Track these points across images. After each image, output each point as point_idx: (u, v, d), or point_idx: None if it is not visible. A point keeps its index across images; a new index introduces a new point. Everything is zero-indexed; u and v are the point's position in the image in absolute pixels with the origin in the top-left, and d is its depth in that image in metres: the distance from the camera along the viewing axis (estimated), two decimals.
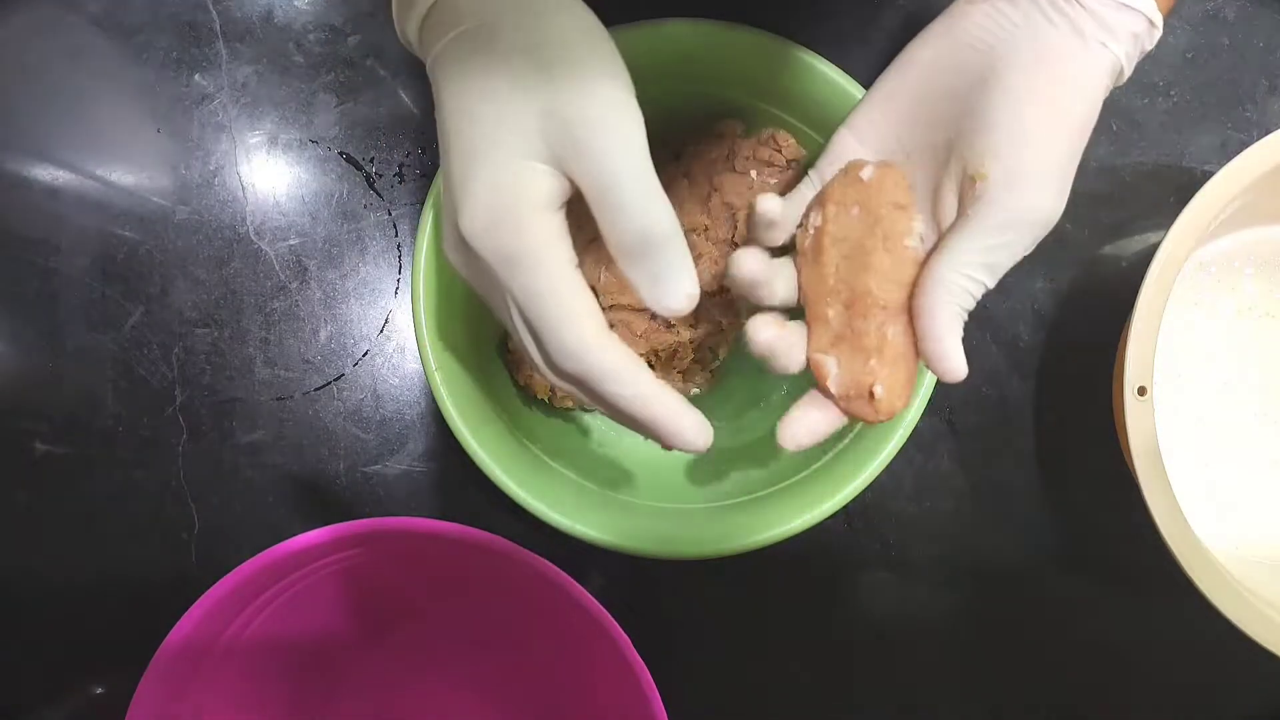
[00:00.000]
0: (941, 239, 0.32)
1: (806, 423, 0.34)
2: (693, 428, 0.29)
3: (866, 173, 0.33)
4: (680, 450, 0.30)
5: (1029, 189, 0.31)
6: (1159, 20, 0.32)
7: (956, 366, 0.31)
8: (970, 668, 0.53)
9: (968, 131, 0.32)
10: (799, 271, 0.35)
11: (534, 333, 0.28)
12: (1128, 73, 0.32)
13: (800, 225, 0.35)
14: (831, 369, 0.33)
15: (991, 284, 0.32)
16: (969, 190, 0.32)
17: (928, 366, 0.32)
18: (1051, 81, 0.31)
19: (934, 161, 0.34)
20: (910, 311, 0.32)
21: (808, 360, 0.34)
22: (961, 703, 0.53)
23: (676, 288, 0.28)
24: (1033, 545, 0.52)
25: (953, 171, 0.33)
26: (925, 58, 0.33)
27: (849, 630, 0.52)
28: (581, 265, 0.33)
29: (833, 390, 0.33)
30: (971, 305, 0.32)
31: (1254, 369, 0.51)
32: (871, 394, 0.32)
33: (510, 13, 0.28)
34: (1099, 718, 0.53)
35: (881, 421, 0.33)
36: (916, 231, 0.33)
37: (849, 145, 0.35)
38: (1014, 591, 0.52)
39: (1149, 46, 0.32)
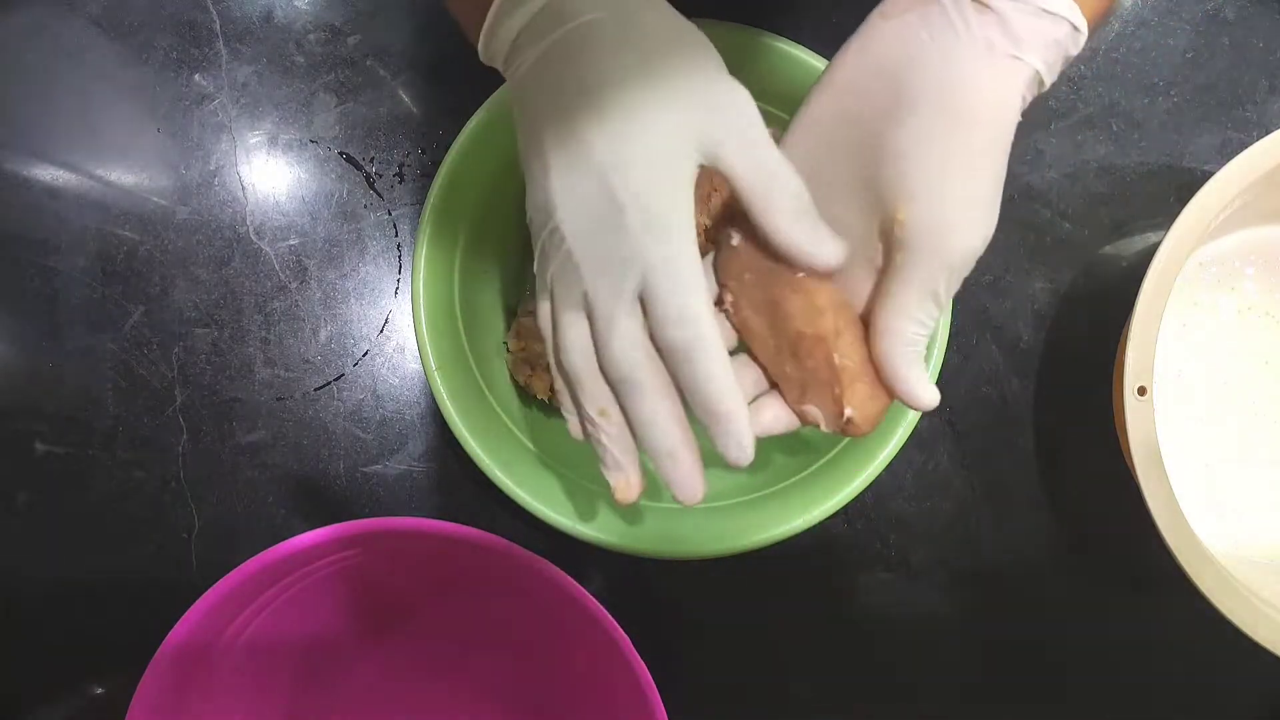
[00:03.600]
0: (880, 284, 0.32)
1: (772, 415, 0.35)
2: (746, 435, 0.31)
3: (734, 241, 0.34)
4: (727, 458, 0.31)
5: (949, 230, 0.30)
6: (1083, 24, 0.30)
7: (926, 397, 0.32)
8: (970, 667, 0.53)
9: (881, 168, 0.31)
10: (748, 346, 0.35)
11: (653, 298, 0.30)
12: (1050, 80, 0.31)
13: (719, 305, 0.36)
14: (817, 415, 0.34)
15: (938, 315, 0.32)
16: (889, 232, 0.31)
17: (903, 404, 0.33)
18: (958, 111, 0.30)
19: (857, 193, 0.33)
20: (872, 361, 0.33)
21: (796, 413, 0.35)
22: (961, 702, 0.53)
23: (831, 241, 0.31)
24: (1033, 545, 0.52)
25: (874, 206, 0.32)
26: (839, 80, 0.32)
27: (849, 630, 0.52)
28: None
29: (826, 429, 0.34)
30: (926, 340, 0.32)
31: (1254, 369, 0.51)
32: (847, 419, 0.33)
33: (640, 9, 0.30)
34: (1099, 717, 0.53)
35: (867, 433, 0.34)
36: None
37: None
38: (1014, 591, 0.52)
39: (1074, 51, 0.31)
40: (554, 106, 0.31)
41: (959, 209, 0.30)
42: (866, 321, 0.34)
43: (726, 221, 0.35)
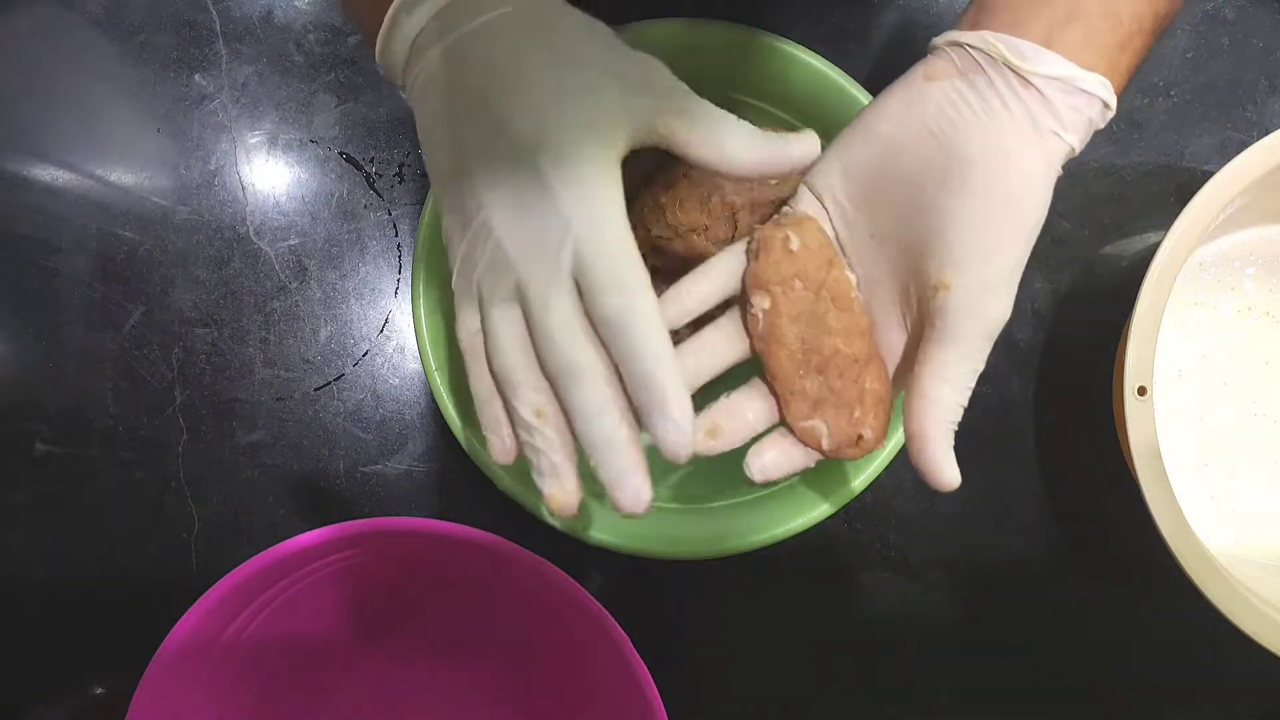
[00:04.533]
0: (919, 352, 0.33)
1: (774, 457, 0.35)
2: (684, 416, 0.30)
3: (794, 245, 0.34)
4: (665, 446, 0.30)
5: (991, 300, 0.31)
6: (1113, 102, 0.32)
7: (950, 478, 0.32)
8: (970, 668, 0.53)
9: (929, 232, 0.32)
10: (760, 354, 0.35)
11: (585, 270, 0.29)
12: (1079, 150, 0.32)
13: (744, 310, 0.36)
14: (823, 431, 0.34)
15: (973, 385, 0.33)
16: (930, 296, 0.32)
17: (924, 479, 0.33)
18: (1008, 186, 0.31)
19: (893, 248, 0.34)
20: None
21: (792, 429, 0.35)
22: (962, 702, 0.53)
23: (799, 140, 0.33)
24: (1033, 545, 0.52)
25: (915, 265, 0.33)
26: (885, 133, 0.33)
27: (849, 630, 0.52)
28: None
29: (826, 448, 0.35)
30: (960, 413, 0.33)
31: (1254, 369, 0.51)
32: (860, 438, 0.34)
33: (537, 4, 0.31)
34: (1099, 717, 0.53)
35: (855, 458, 0.35)
36: (853, 280, 0.35)
37: (813, 207, 0.35)
38: (1014, 591, 0.52)
39: (1101, 126, 0.32)
40: (471, 98, 0.30)
41: (1002, 279, 0.31)
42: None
43: (783, 221, 0.35)
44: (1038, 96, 0.30)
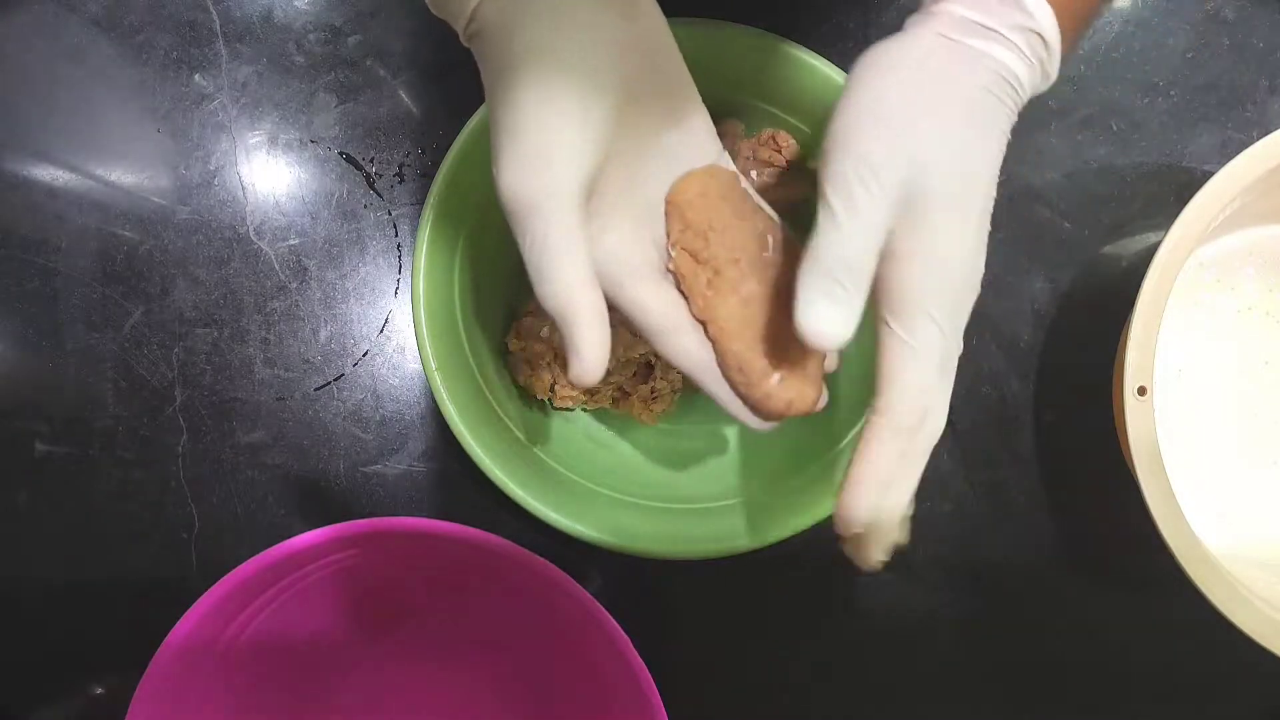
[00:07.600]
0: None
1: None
2: (591, 355, 0.32)
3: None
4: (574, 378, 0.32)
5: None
6: (1048, 26, 0.30)
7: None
8: (970, 667, 0.53)
9: None
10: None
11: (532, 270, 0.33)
12: (1028, 85, 0.31)
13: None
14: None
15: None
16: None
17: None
18: (881, 71, 0.31)
19: None
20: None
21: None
22: (961, 702, 0.53)
23: None
24: (1033, 545, 0.52)
25: None
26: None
27: (849, 630, 0.52)
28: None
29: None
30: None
31: (1254, 369, 0.51)
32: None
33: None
34: (1099, 717, 0.53)
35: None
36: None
37: None
38: (1014, 591, 0.52)
39: (1050, 70, 0.31)
40: None
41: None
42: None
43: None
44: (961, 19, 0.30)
